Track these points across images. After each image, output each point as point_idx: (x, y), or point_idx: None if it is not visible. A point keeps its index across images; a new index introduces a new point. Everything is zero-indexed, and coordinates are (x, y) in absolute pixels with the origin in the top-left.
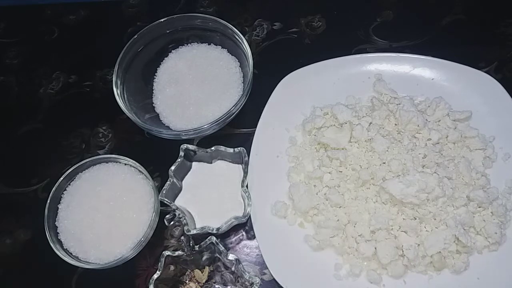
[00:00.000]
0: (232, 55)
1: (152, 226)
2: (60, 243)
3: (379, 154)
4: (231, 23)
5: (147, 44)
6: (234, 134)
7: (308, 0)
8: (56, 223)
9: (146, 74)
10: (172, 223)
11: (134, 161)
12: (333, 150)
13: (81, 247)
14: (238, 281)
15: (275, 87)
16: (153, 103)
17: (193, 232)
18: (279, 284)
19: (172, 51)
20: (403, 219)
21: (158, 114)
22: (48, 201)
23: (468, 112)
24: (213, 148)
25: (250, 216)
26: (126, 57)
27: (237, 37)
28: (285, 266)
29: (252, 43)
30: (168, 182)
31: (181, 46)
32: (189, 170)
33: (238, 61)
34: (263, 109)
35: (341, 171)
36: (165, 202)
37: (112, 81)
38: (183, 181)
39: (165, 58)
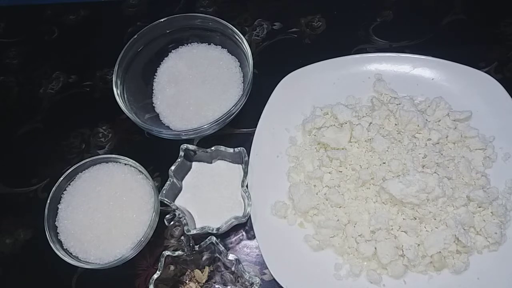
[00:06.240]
0: (232, 55)
1: (152, 226)
2: (60, 243)
3: (379, 154)
4: (231, 23)
5: (147, 44)
6: (234, 134)
7: (308, 0)
8: (56, 223)
9: (146, 74)
10: (172, 223)
11: (134, 161)
12: (333, 150)
13: (81, 247)
14: (238, 281)
15: (275, 87)
16: (153, 103)
17: (193, 232)
18: (279, 284)
19: (172, 51)
20: (403, 219)
21: (158, 114)
22: (48, 201)
23: (468, 112)
24: (213, 148)
25: (250, 216)
26: (126, 57)
27: (237, 37)
28: (285, 266)
29: (252, 43)
30: (168, 182)
31: (181, 46)
32: (189, 170)
33: (238, 61)
34: (263, 109)
35: (341, 171)
36: (165, 202)
37: (112, 81)
38: (183, 181)
39: (165, 58)
